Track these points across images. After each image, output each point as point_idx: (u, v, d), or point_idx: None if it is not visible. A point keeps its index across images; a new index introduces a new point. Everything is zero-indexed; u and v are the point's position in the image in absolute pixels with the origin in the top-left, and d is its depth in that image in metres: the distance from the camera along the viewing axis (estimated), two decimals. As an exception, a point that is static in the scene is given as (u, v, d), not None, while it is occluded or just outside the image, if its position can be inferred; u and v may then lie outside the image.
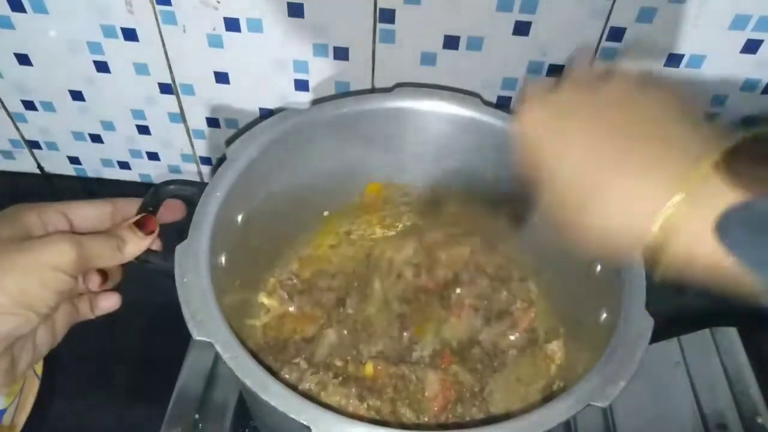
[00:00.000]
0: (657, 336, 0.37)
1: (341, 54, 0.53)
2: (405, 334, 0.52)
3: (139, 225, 0.41)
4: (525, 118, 0.35)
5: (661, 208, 0.28)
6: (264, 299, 0.54)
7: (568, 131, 0.33)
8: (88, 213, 0.41)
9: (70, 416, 0.53)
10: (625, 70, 0.35)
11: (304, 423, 0.33)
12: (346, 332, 0.52)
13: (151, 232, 0.41)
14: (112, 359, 0.55)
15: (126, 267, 0.41)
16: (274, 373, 0.39)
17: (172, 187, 0.44)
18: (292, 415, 0.33)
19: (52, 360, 0.54)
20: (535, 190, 0.35)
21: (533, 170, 0.34)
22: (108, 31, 0.53)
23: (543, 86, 0.36)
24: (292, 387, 0.36)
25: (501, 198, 0.50)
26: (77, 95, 0.60)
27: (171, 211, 0.44)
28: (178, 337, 0.40)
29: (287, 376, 0.47)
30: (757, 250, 0.25)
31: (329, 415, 0.33)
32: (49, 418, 0.52)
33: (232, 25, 0.52)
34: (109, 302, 0.42)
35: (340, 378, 0.47)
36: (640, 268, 0.40)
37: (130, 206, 0.42)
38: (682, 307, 0.56)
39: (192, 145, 0.64)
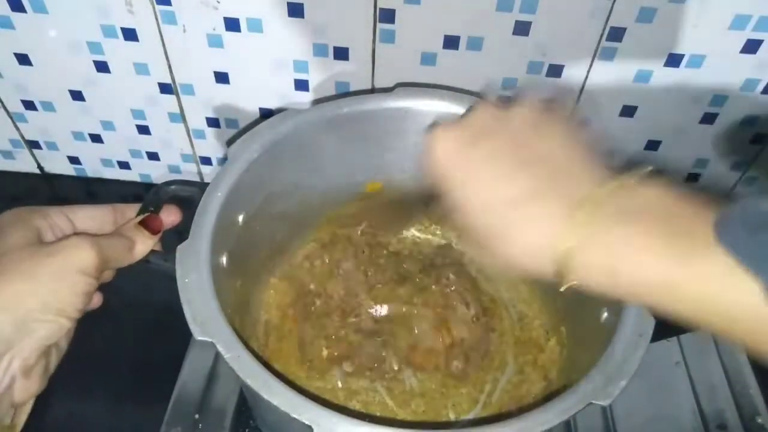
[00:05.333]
0: (657, 336, 0.37)
1: (341, 54, 0.53)
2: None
3: (144, 225, 0.41)
4: (437, 147, 0.36)
5: (563, 228, 0.30)
6: (265, 299, 0.54)
7: (473, 159, 0.34)
8: (90, 216, 0.41)
9: (70, 416, 0.53)
10: (530, 99, 0.36)
11: (307, 423, 0.33)
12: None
13: (157, 232, 0.41)
14: (112, 359, 0.55)
15: (125, 268, 0.41)
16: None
17: (172, 187, 0.44)
18: (295, 415, 0.33)
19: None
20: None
21: (445, 194, 0.36)
22: (108, 31, 0.53)
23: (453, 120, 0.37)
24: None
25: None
26: (77, 95, 0.60)
27: (168, 215, 0.43)
28: (178, 337, 0.40)
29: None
30: (757, 250, 0.25)
31: (332, 415, 0.33)
32: (49, 418, 0.51)
33: (232, 25, 0.52)
34: (95, 300, 0.42)
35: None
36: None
37: (131, 211, 0.42)
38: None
39: (192, 145, 0.64)
